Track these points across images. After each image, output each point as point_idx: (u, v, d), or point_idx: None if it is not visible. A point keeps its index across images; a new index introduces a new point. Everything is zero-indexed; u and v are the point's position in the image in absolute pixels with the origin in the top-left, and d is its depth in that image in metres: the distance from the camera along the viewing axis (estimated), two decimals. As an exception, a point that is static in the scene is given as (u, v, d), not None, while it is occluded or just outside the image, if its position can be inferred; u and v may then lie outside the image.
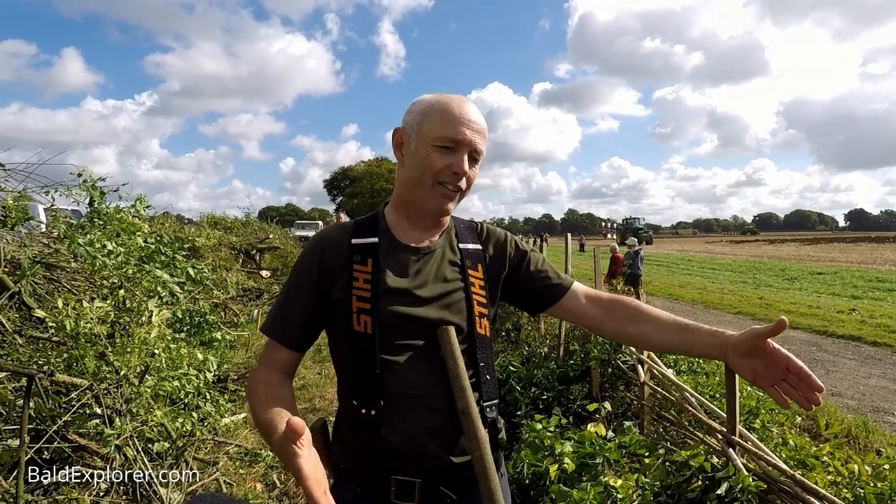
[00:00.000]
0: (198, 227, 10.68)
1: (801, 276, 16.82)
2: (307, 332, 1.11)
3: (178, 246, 4.03)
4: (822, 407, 4.73)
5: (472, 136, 1.06)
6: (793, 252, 31.37)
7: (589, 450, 2.41)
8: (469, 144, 1.06)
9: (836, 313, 9.76)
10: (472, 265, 1.15)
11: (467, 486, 1.06)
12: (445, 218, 1.16)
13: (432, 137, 1.06)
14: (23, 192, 3.02)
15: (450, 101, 1.08)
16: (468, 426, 0.98)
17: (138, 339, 2.71)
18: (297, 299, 1.10)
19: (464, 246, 1.17)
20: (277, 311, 1.12)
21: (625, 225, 51.27)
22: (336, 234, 1.13)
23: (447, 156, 1.06)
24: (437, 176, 1.06)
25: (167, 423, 2.69)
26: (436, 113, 1.07)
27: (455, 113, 1.06)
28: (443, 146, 1.06)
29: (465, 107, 1.08)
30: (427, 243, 1.14)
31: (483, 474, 0.95)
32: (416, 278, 1.09)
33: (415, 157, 1.09)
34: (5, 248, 2.89)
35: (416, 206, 1.12)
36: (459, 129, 1.05)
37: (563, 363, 4.11)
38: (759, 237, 78.86)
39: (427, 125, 1.07)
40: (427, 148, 1.06)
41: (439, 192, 1.07)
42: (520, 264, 1.22)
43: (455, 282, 1.12)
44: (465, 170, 1.06)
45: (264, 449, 3.54)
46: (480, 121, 1.09)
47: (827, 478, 2.13)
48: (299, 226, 37.95)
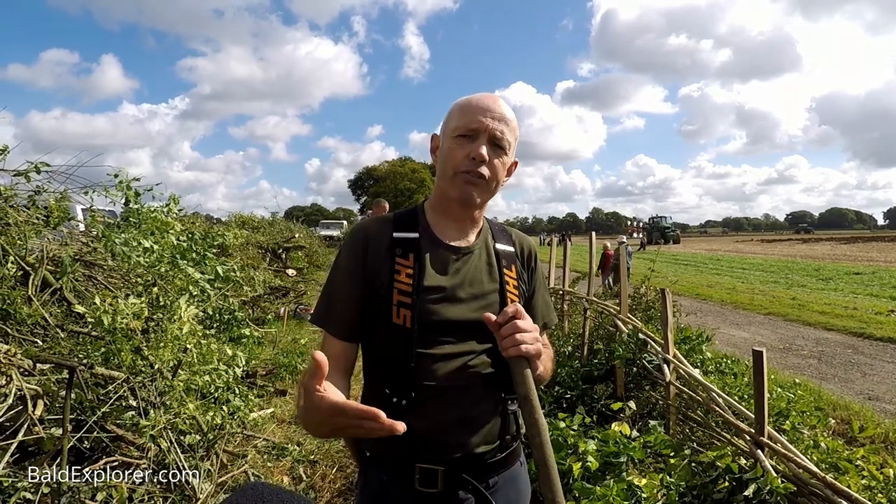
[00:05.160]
0: (226, 227, 10.94)
1: (836, 277, 16.25)
2: (359, 322, 1.11)
3: (207, 244, 4.14)
4: (858, 410, 4.58)
5: (489, 122, 1.08)
6: (828, 251, 30.31)
7: (613, 449, 2.40)
8: (487, 131, 1.08)
9: (874, 315, 9.40)
10: (507, 265, 1.18)
11: (489, 474, 1.09)
12: (478, 214, 1.18)
13: (452, 129, 1.10)
14: (64, 193, 3.16)
15: (471, 97, 1.13)
16: (529, 413, 0.99)
17: (171, 335, 2.80)
18: (347, 289, 1.11)
19: (499, 246, 1.20)
20: (328, 302, 1.13)
21: (651, 224, 50.24)
22: (378, 227, 1.15)
23: (467, 145, 1.08)
24: (459, 165, 1.08)
25: (198, 416, 2.77)
26: (457, 109, 1.12)
27: (473, 104, 1.10)
28: (462, 136, 1.09)
29: (486, 99, 1.11)
30: (466, 243, 1.16)
31: (542, 461, 0.95)
32: (454, 277, 1.11)
33: (441, 152, 1.14)
34: (48, 247, 3.02)
35: (445, 200, 1.14)
36: (475, 117, 1.08)
37: (587, 362, 4.08)
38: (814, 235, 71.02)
39: (450, 122, 1.12)
40: (449, 141, 1.10)
41: (461, 180, 1.09)
42: (529, 281, 1.25)
43: (491, 282, 1.14)
44: (482, 154, 1.07)
45: (291, 443, 3.62)
46: (502, 109, 1.11)
47: (861, 482, 2.08)
48: (324, 225, 38.49)
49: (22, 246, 2.86)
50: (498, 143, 1.10)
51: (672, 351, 3.10)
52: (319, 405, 0.77)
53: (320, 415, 0.78)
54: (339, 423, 0.79)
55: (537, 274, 1.27)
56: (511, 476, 1.14)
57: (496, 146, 1.10)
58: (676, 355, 3.11)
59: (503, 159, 1.12)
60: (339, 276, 1.13)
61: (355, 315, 1.10)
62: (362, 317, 1.11)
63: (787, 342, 7.47)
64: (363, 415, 0.76)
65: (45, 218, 3.00)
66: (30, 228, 2.91)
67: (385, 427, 0.76)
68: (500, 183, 1.14)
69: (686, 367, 2.92)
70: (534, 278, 1.26)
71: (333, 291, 1.13)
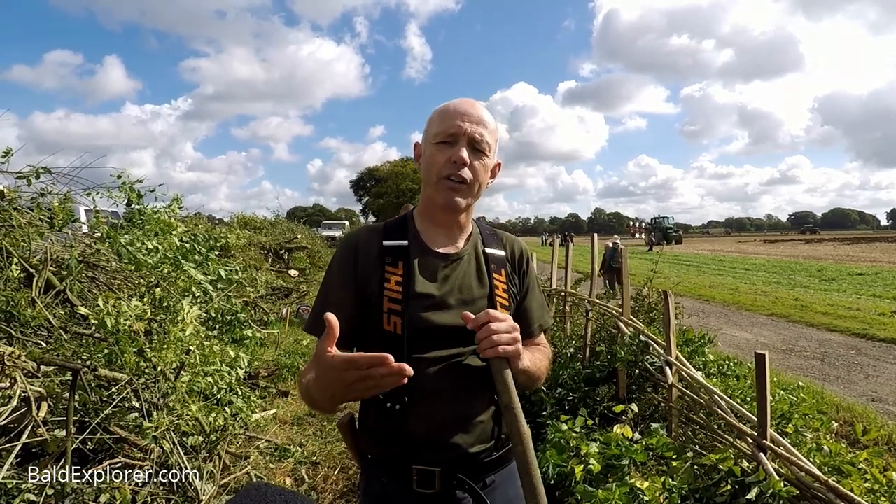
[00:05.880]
0: (229, 228, 10.96)
1: (839, 277, 16.18)
2: (352, 330, 1.13)
3: (210, 244, 4.15)
4: (861, 412, 4.57)
5: (468, 126, 1.10)
6: (831, 252, 30.20)
7: (615, 451, 2.40)
8: (466, 135, 1.10)
9: (877, 316, 9.36)
10: (497, 269, 1.20)
11: (485, 473, 1.12)
12: (465, 218, 1.19)
13: (432, 135, 1.13)
14: (67, 195, 3.17)
15: (448, 103, 1.15)
16: (511, 421, 0.99)
17: (174, 337, 2.81)
18: (339, 297, 1.12)
19: (489, 251, 1.21)
20: (321, 310, 1.13)
21: (653, 224, 50.14)
22: (368, 235, 1.17)
23: (447, 150, 1.11)
24: (441, 171, 1.10)
25: (201, 417, 2.78)
26: (437, 115, 1.15)
27: (451, 109, 1.13)
28: (442, 142, 1.11)
29: (463, 104, 1.13)
30: (454, 250, 1.18)
31: (525, 469, 0.95)
32: (444, 284, 1.13)
33: (423, 159, 1.16)
34: (51, 249, 3.04)
35: (431, 206, 1.16)
36: (454, 122, 1.10)
37: (589, 364, 4.07)
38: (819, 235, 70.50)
39: (430, 128, 1.15)
40: (430, 148, 1.13)
41: (445, 186, 1.11)
42: (521, 284, 1.26)
43: (480, 288, 1.16)
44: (463, 157, 1.09)
45: (293, 445, 3.63)
46: (479, 112, 1.13)
47: (864, 485, 2.07)
48: (326, 226, 38.49)
49: (26, 248, 2.87)
50: (477, 146, 1.12)
51: (674, 353, 3.10)
52: (332, 362, 0.83)
53: (334, 373, 0.84)
54: (351, 378, 0.83)
55: (529, 276, 1.28)
56: (509, 473, 1.16)
57: (476, 149, 1.12)
58: (679, 357, 3.10)
59: (484, 161, 1.13)
60: (332, 284, 1.15)
61: (349, 322, 1.11)
62: (355, 324, 1.13)
63: (789, 343, 7.46)
64: (372, 361, 0.81)
65: (48, 220, 3.01)
66: (33, 230, 2.92)
67: (394, 370, 0.80)
68: (484, 185, 1.16)
69: (688, 370, 2.92)
70: (526, 280, 1.27)
71: (326, 300, 1.14)
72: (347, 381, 0.84)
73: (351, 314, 1.11)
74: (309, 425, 4.08)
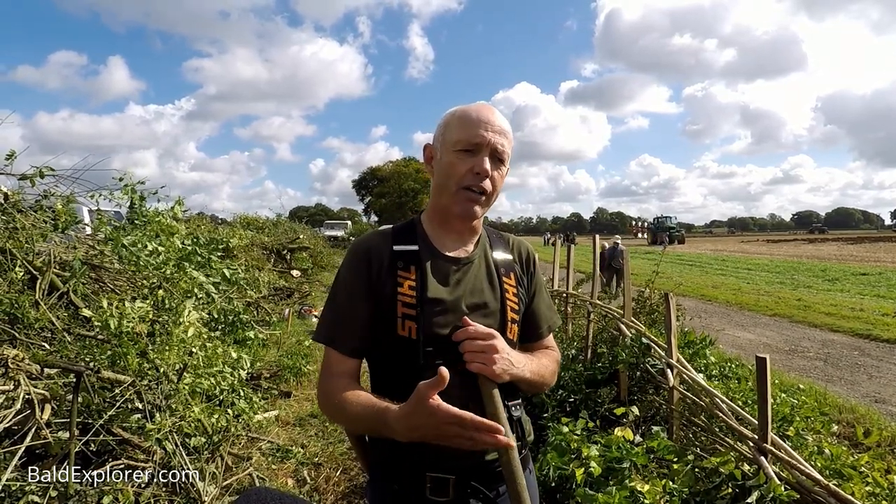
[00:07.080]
0: (231, 228, 10.98)
1: (842, 277, 16.12)
2: (368, 339, 1.12)
3: (212, 247, 4.17)
4: (864, 413, 4.56)
5: (491, 136, 1.09)
6: (834, 251, 30.09)
7: (616, 454, 2.40)
8: (489, 145, 1.09)
9: (880, 316, 9.33)
10: (506, 273, 1.20)
11: (498, 482, 1.10)
12: (477, 225, 1.19)
13: (453, 143, 1.10)
14: (70, 196, 3.19)
15: (469, 108, 1.13)
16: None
17: (177, 338, 2.82)
18: (354, 307, 1.11)
19: (497, 255, 1.21)
20: (334, 321, 1.13)
21: (656, 224, 50.02)
22: (378, 241, 1.16)
23: (468, 159, 1.09)
24: (461, 180, 1.09)
25: (204, 418, 2.79)
26: (456, 120, 1.12)
27: (473, 117, 1.10)
28: (464, 150, 1.09)
29: (484, 111, 1.12)
30: (465, 254, 1.17)
31: (510, 477, 0.97)
32: (456, 288, 1.12)
33: (440, 165, 1.14)
34: (55, 250, 3.05)
35: (446, 213, 1.15)
36: (477, 132, 1.09)
37: (590, 366, 4.07)
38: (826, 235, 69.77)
39: (449, 133, 1.12)
40: (450, 155, 1.11)
41: (464, 197, 1.10)
42: (529, 286, 1.26)
43: (491, 291, 1.16)
44: (487, 169, 1.08)
45: (295, 446, 3.64)
46: (501, 122, 1.11)
47: (865, 489, 2.07)
48: (329, 226, 38.54)
49: (29, 249, 2.89)
50: (499, 157, 1.12)
51: (676, 355, 3.09)
52: (436, 412, 0.87)
53: (433, 420, 0.88)
54: (451, 432, 0.88)
55: (536, 278, 1.29)
56: None
57: (497, 159, 1.12)
58: (680, 360, 3.10)
59: (502, 171, 1.14)
60: (344, 293, 1.13)
61: (363, 331, 1.11)
62: (369, 331, 1.12)
63: (792, 344, 7.44)
64: (482, 426, 0.85)
65: (52, 222, 3.03)
66: (37, 232, 2.94)
67: (500, 443, 0.84)
68: (498, 193, 1.16)
69: (690, 372, 2.91)
70: (533, 282, 1.27)
71: (339, 309, 1.13)
72: (445, 434, 0.88)
73: (364, 324, 1.10)
74: (311, 426, 4.10)
